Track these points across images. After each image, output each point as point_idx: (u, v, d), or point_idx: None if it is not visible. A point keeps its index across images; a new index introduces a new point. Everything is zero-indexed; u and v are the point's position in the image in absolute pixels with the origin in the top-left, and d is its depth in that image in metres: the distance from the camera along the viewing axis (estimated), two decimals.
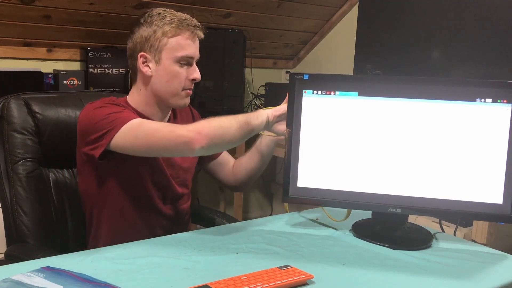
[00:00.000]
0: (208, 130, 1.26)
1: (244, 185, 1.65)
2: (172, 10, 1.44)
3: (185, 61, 1.42)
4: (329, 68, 3.61)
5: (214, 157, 1.62)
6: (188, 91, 1.45)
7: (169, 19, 1.40)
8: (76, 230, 1.53)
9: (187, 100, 1.46)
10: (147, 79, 1.43)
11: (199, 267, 1.12)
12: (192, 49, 1.42)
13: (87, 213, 1.48)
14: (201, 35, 1.45)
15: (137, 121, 1.33)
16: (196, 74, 1.44)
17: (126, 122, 1.31)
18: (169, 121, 1.52)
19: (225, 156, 1.65)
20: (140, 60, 1.41)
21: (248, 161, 1.59)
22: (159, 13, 1.42)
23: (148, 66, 1.41)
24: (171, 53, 1.40)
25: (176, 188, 1.50)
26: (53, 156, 1.52)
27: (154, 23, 1.40)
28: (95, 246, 1.43)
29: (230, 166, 1.65)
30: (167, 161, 1.47)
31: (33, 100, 1.51)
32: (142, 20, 1.42)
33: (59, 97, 1.59)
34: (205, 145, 1.25)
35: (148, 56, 1.41)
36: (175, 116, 1.56)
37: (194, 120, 1.61)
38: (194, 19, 1.44)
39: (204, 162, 1.63)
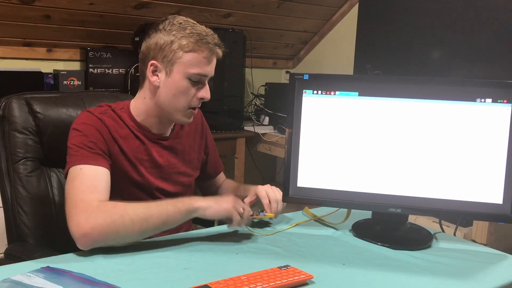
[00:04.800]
0: (98, 233, 1.16)
1: None
2: (195, 22, 1.35)
3: (197, 79, 1.34)
4: (329, 68, 3.61)
5: (212, 176, 1.65)
6: (193, 110, 1.38)
7: (189, 31, 1.31)
8: None
9: (190, 120, 1.40)
10: (153, 89, 1.36)
11: (199, 267, 1.13)
12: (207, 68, 1.35)
13: None
14: (220, 54, 1.37)
15: (73, 174, 1.26)
16: (206, 93, 1.36)
17: (74, 165, 1.26)
18: (173, 131, 1.46)
19: (219, 177, 1.68)
20: (150, 68, 1.34)
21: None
22: (181, 23, 1.33)
23: (157, 75, 1.34)
24: (184, 68, 1.32)
25: (170, 189, 1.45)
26: (54, 155, 1.52)
27: (173, 33, 1.31)
28: None
29: (218, 185, 1.68)
30: (160, 174, 1.43)
31: (34, 100, 1.51)
32: (161, 26, 1.34)
33: (60, 97, 1.59)
34: (89, 247, 1.17)
35: (159, 65, 1.33)
36: (182, 126, 1.49)
37: (203, 131, 1.57)
38: (216, 35, 1.35)
39: (200, 179, 1.61)
